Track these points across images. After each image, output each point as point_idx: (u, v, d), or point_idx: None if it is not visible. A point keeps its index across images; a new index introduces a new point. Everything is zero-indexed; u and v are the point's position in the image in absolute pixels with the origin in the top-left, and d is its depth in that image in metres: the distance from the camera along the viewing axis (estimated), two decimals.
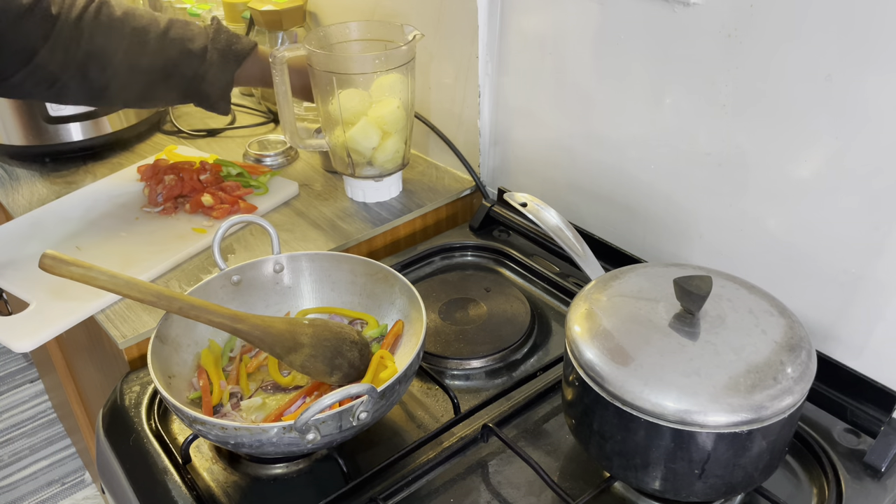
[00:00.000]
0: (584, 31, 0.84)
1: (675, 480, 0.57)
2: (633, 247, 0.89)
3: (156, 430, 0.71)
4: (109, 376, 0.97)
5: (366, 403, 0.58)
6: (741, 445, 0.54)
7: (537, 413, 0.72)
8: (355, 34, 0.99)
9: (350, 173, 1.01)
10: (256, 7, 1.23)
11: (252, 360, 0.74)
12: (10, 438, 1.93)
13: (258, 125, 1.27)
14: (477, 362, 0.78)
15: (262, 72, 0.98)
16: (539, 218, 0.71)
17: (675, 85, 0.76)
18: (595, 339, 0.58)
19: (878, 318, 0.67)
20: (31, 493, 1.78)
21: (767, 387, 0.53)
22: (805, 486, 0.64)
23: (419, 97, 1.11)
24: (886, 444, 0.63)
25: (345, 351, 0.69)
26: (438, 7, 1.01)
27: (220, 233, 0.73)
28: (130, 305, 0.84)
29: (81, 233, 0.96)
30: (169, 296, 0.63)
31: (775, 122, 0.69)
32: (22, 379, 2.12)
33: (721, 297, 0.60)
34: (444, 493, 0.64)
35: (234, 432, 0.58)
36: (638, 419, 0.54)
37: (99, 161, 1.17)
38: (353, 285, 0.78)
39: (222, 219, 0.97)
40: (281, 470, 0.67)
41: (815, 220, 0.69)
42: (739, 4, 0.68)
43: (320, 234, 0.97)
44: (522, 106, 0.97)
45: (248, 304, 0.77)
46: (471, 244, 0.97)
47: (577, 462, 0.67)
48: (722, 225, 0.78)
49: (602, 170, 0.89)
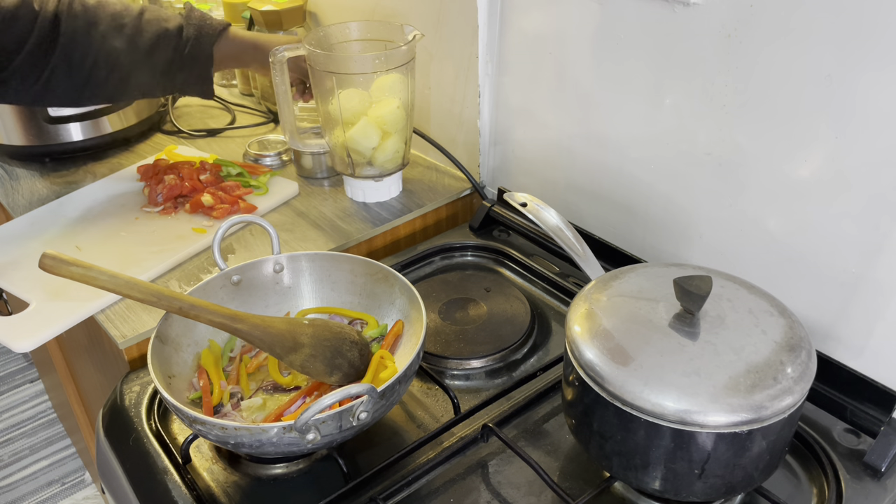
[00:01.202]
0: (584, 31, 0.84)
1: (675, 480, 0.57)
2: (633, 247, 0.89)
3: (156, 430, 0.71)
4: (109, 376, 0.97)
5: (366, 403, 0.58)
6: (741, 445, 0.54)
7: (537, 413, 0.72)
8: (355, 34, 0.99)
9: (350, 173, 1.01)
10: (256, 7, 1.23)
11: (252, 360, 0.74)
12: (10, 438, 1.93)
13: (258, 125, 1.27)
14: (477, 362, 0.78)
15: (238, 50, 0.99)
16: (539, 218, 0.71)
17: (675, 85, 0.76)
18: (595, 339, 0.58)
19: (878, 318, 0.67)
20: (31, 493, 1.78)
21: (767, 387, 0.53)
22: (805, 486, 0.64)
23: (419, 97, 1.11)
24: (886, 444, 0.63)
25: (345, 351, 0.69)
26: (438, 7, 1.01)
27: (220, 233, 0.73)
28: (130, 305, 0.84)
29: (81, 233, 0.96)
30: (169, 296, 0.63)
31: (775, 122, 0.69)
32: (22, 379, 2.12)
33: (721, 297, 0.60)
34: (444, 493, 0.64)
35: (234, 432, 0.58)
36: (638, 419, 0.54)
37: (99, 161, 1.17)
38: (352, 285, 0.78)
39: (222, 219, 0.97)
40: (281, 470, 0.67)
41: (815, 220, 0.69)
42: (739, 4, 0.68)
43: (320, 234, 0.97)
44: (522, 106, 0.97)
45: (248, 304, 0.77)
46: (471, 244, 0.97)
47: (577, 462, 0.67)
48: (722, 225, 0.78)
49: (602, 170, 0.89)
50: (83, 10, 0.91)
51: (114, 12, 0.92)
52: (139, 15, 0.94)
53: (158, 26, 0.94)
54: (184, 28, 0.95)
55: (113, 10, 0.93)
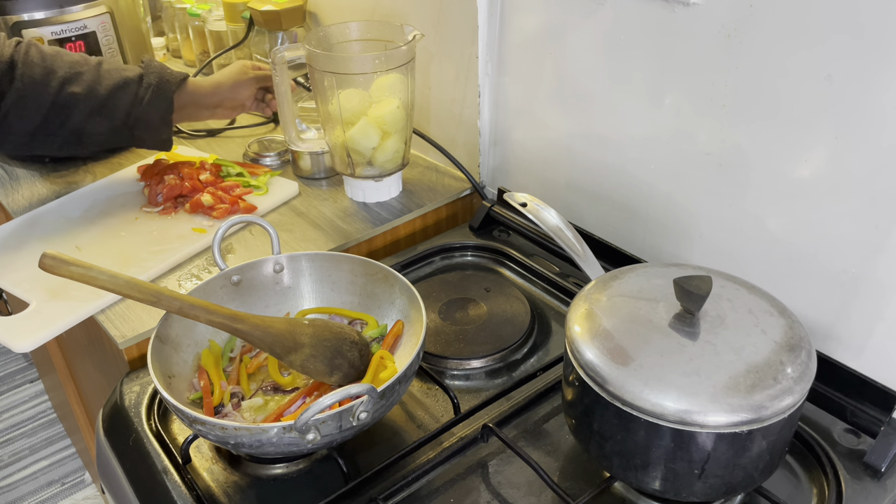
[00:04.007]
0: (583, 31, 0.84)
1: (675, 480, 0.57)
2: (633, 247, 0.89)
3: (156, 430, 0.71)
4: (109, 376, 0.97)
5: (366, 403, 0.58)
6: (741, 445, 0.54)
7: (537, 413, 0.72)
8: (355, 34, 0.99)
9: (350, 173, 1.01)
10: (256, 7, 1.23)
11: (252, 360, 0.74)
12: (10, 438, 1.93)
13: (258, 125, 1.27)
14: (477, 362, 0.78)
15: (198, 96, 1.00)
16: (539, 218, 0.71)
17: (675, 85, 0.76)
18: (595, 339, 0.58)
19: (878, 318, 0.67)
20: (31, 493, 1.78)
21: (767, 387, 0.53)
22: (805, 486, 0.64)
23: (419, 97, 1.11)
24: (886, 444, 0.63)
25: (345, 351, 0.69)
26: (438, 7, 1.01)
27: (220, 233, 0.73)
28: (130, 305, 0.84)
29: (81, 233, 0.96)
30: (169, 296, 0.63)
31: (775, 122, 0.69)
32: (22, 379, 2.12)
33: (721, 297, 0.60)
34: (444, 493, 0.64)
35: (234, 432, 0.58)
36: (638, 419, 0.54)
37: (99, 161, 1.17)
38: (352, 285, 0.78)
39: (222, 219, 0.97)
40: (281, 470, 0.67)
41: (815, 220, 0.69)
42: (739, 4, 0.68)
43: (320, 234, 0.97)
44: (522, 106, 0.97)
45: (248, 304, 0.77)
46: (471, 244, 0.97)
47: (577, 462, 0.67)
48: (722, 225, 0.78)
49: (602, 170, 0.89)
50: (40, 58, 0.91)
51: (72, 61, 0.92)
52: (98, 64, 0.94)
53: (119, 75, 0.94)
54: (144, 76, 0.95)
55: (71, 59, 0.92)
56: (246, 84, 1.05)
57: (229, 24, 1.35)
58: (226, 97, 1.03)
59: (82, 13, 1.08)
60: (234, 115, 1.08)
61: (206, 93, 1.01)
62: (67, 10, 1.08)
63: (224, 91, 1.03)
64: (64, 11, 1.07)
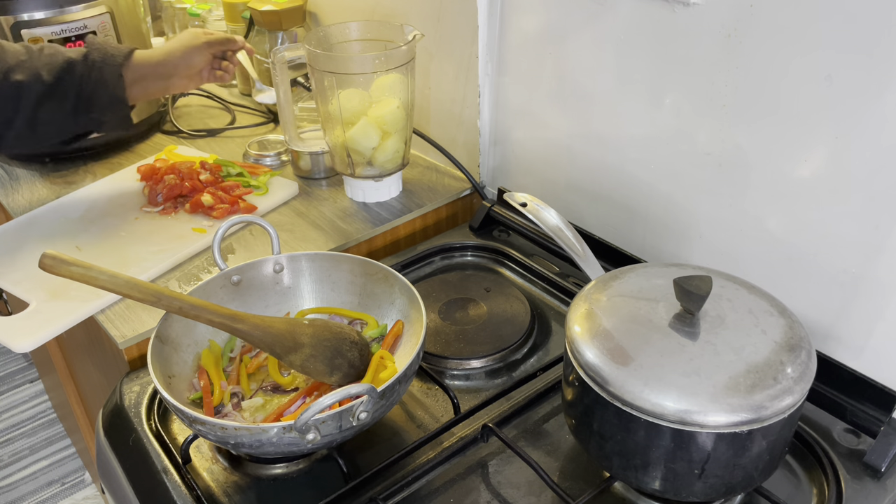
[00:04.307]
0: (583, 32, 0.84)
1: (675, 480, 0.57)
2: (633, 247, 0.89)
3: (156, 430, 0.71)
4: (109, 376, 0.97)
5: (366, 403, 0.58)
6: (741, 445, 0.54)
7: (537, 413, 0.72)
8: (355, 34, 0.99)
9: (350, 173, 1.01)
10: (256, 7, 1.23)
11: (252, 360, 0.74)
12: (10, 438, 1.93)
13: (258, 125, 1.27)
14: (477, 362, 0.78)
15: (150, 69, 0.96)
16: (539, 218, 0.71)
17: (675, 85, 0.76)
18: (595, 339, 0.58)
19: (878, 318, 0.67)
20: (31, 493, 1.78)
21: (767, 387, 0.53)
22: (805, 486, 0.64)
23: (419, 97, 1.11)
24: (886, 444, 0.63)
25: (345, 351, 0.69)
26: (438, 7, 1.01)
27: (220, 233, 0.73)
28: (130, 305, 0.84)
29: (81, 233, 0.96)
30: (169, 296, 0.63)
31: (775, 122, 0.69)
32: (22, 379, 2.12)
33: (721, 297, 0.60)
34: (444, 493, 0.64)
35: (234, 432, 0.58)
36: (638, 419, 0.54)
37: (99, 161, 1.17)
38: (352, 285, 0.78)
39: (222, 219, 0.97)
40: (281, 470, 0.67)
41: (815, 220, 0.69)
42: (739, 4, 0.68)
43: (320, 234, 0.97)
44: (522, 106, 0.97)
45: (248, 305, 0.77)
46: (471, 244, 0.97)
47: (577, 462, 0.67)
48: (722, 225, 0.78)
49: (602, 170, 0.89)
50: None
51: (14, 51, 0.90)
52: (39, 50, 0.91)
53: (61, 57, 0.91)
54: (87, 54, 0.92)
55: (13, 49, 0.91)
56: (198, 50, 1.00)
57: (229, 24, 1.35)
58: (179, 65, 0.98)
59: (82, 13, 1.08)
60: (191, 85, 1.03)
61: (156, 63, 0.97)
62: (67, 10, 1.07)
63: (175, 59, 0.98)
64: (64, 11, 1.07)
